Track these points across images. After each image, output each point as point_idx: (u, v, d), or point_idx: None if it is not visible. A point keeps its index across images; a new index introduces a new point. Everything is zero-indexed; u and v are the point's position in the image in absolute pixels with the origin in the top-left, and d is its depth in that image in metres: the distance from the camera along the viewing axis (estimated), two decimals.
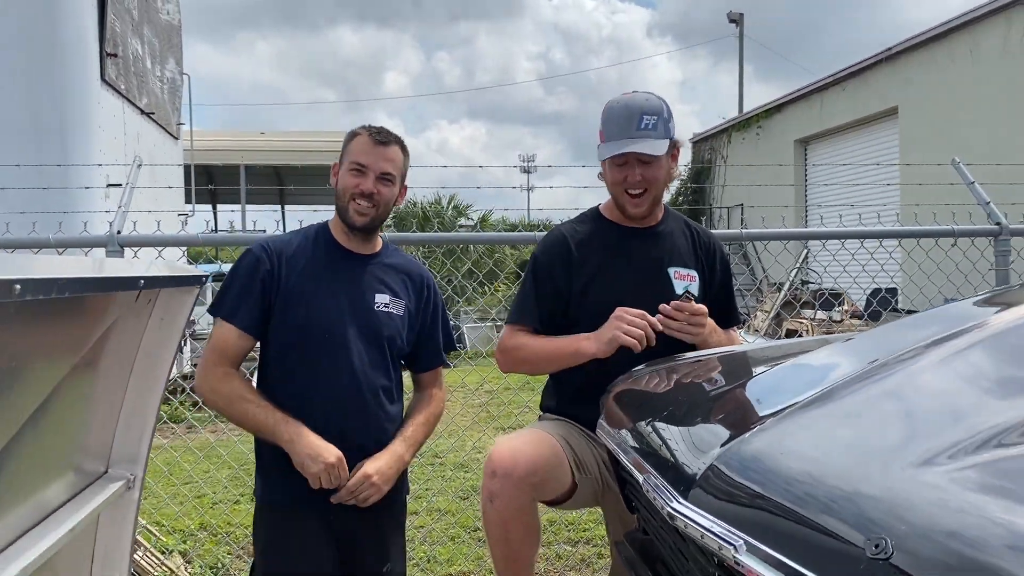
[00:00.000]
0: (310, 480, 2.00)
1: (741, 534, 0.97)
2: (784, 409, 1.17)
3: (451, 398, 8.04)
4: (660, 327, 2.08)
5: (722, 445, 1.15)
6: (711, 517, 1.05)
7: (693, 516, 1.08)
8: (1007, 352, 1.24)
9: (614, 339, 2.07)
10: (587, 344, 2.14)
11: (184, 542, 4.27)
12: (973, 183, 3.65)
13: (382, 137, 2.15)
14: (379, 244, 2.27)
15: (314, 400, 2.09)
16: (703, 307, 2.15)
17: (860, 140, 14.60)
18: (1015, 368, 1.20)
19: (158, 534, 4.21)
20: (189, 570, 3.95)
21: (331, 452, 2.00)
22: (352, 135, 2.20)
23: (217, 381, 2.09)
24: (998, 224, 3.52)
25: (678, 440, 1.32)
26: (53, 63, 4.69)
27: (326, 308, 2.12)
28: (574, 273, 2.28)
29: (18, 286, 0.97)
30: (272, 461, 2.10)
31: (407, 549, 2.39)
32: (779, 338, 7.82)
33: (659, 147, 2.18)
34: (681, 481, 1.18)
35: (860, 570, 0.81)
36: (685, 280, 2.27)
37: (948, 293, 3.56)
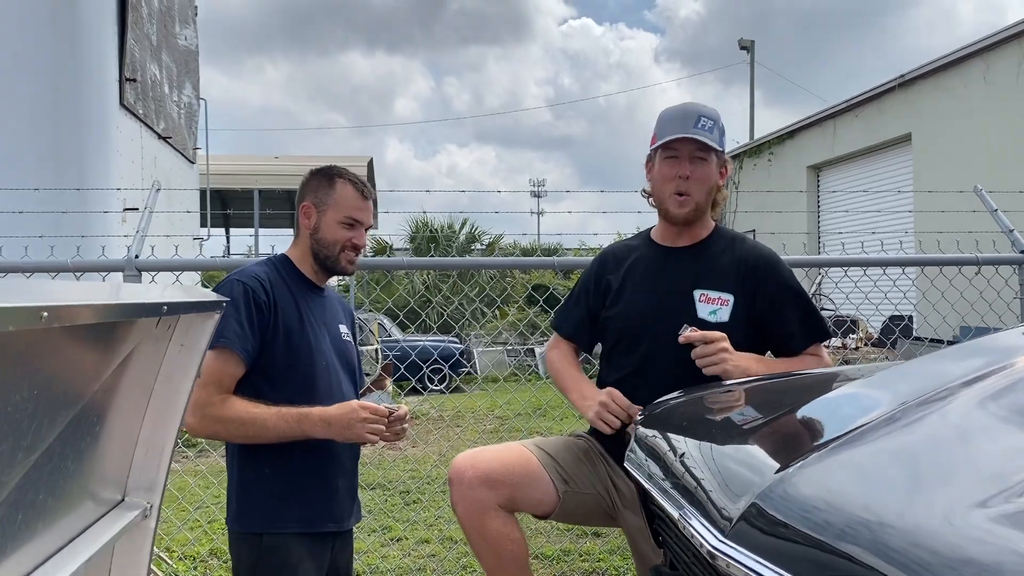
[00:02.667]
0: (368, 438, 2.02)
1: (788, 574, 0.94)
2: (825, 444, 1.13)
3: (461, 424, 7.99)
4: (637, 418, 1.86)
5: (763, 481, 1.11)
6: (755, 556, 1.01)
7: (736, 555, 1.04)
8: None
9: (592, 420, 2.09)
10: (580, 405, 2.17)
11: (195, 568, 4.24)
12: (996, 210, 3.62)
13: (368, 192, 2.22)
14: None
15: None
16: (715, 333, 2.01)
17: (873, 166, 14.56)
18: None
19: (169, 560, 4.17)
20: None
21: (353, 406, 2.03)
22: (330, 181, 2.21)
23: (219, 409, 2.02)
24: (1023, 252, 3.48)
25: (715, 474, 1.28)
26: (73, 87, 4.71)
27: (318, 337, 2.18)
28: (604, 290, 2.28)
29: (45, 313, 0.95)
30: (275, 485, 2.08)
31: None
32: None
33: (713, 141, 2.14)
34: (721, 518, 1.14)
35: None
36: (713, 304, 2.12)
37: (972, 322, 3.50)
